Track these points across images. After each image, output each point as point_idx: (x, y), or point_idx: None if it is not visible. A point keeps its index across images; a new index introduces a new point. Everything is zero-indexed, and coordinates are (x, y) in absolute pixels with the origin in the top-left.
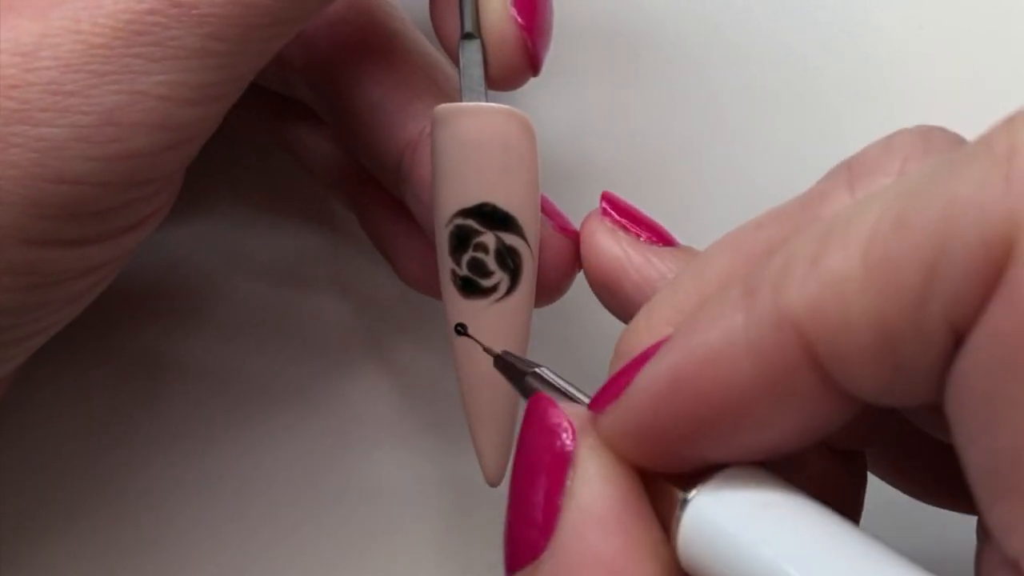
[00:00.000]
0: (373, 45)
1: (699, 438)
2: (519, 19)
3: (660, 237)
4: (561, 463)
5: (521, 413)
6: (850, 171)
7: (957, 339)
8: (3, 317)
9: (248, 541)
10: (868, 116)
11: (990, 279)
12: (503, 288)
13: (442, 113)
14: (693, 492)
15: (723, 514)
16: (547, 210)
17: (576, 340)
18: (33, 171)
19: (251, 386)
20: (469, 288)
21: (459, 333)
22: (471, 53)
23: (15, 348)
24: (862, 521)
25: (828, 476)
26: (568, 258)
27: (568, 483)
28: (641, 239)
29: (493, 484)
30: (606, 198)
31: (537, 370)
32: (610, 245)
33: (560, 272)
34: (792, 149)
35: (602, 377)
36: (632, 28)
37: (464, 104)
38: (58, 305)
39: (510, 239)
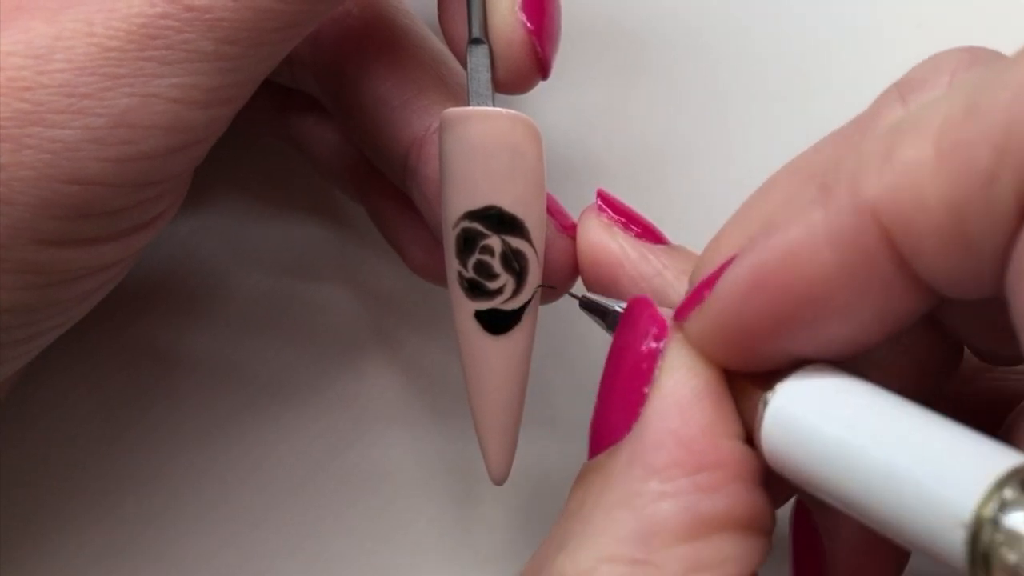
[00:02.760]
0: (380, 41)
1: (783, 332)
2: (528, 24)
3: (653, 236)
4: (651, 356)
5: (527, 410)
6: (900, 89)
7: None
8: (16, 315)
9: (257, 528)
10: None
11: None
12: (508, 291)
13: (449, 117)
14: (774, 390)
15: (804, 407)
16: (552, 210)
17: (575, 339)
18: (46, 172)
19: (259, 377)
20: (475, 290)
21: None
22: (479, 57)
23: (26, 345)
24: None
25: None
26: (572, 258)
27: (656, 372)
28: (636, 236)
29: (497, 483)
30: (601, 196)
31: (619, 307)
32: (606, 240)
33: (564, 272)
34: (793, 149)
35: (599, 376)
36: (635, 30)
37: (471, 108)
38: (69, 303)
39: (516, 242)
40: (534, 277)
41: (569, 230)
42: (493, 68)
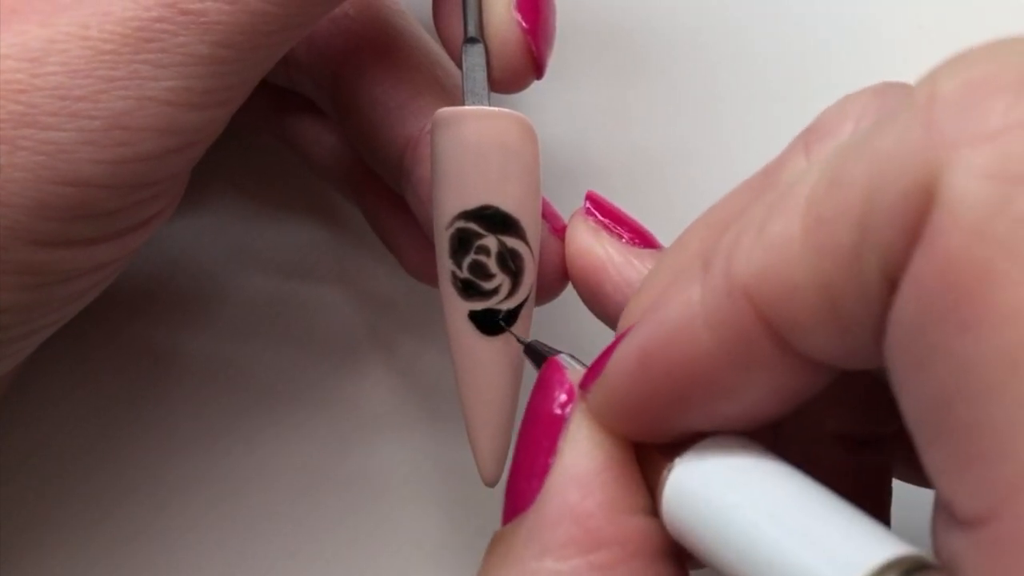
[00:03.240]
0: (376, 42)
1: (674, 410)
2: (523, 23)
3: (642, 238)
4: (557, 425)
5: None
6: (806, 136)
7: (893, 290)
8: (10, 314)
9: (253, 529)
10: None
11: (915, 227)
12: (504, 291)
13: (444, 116)
14: (673, 463)
15: (703, 481)
16: (545, 212)
17: (572, 338)
18: (41, 174)
19: (255, 379)
20: (470, 291)
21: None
22: (474, 57)
23: (21, 343)
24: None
25: (846, 471)
26: (564, 261)
27: (560, 443)
28: (624, 240)
29: (490, 485)
30: (590, 198)
31: (560, 356)
32: (592, 245)
33: (557, 274)
34: None
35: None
36: (630, 30)
37: (466, 108)
38: (64, 302)
39: (512, 242)
40: (530, 276)
41: (561, 232)
42: (488, 67)
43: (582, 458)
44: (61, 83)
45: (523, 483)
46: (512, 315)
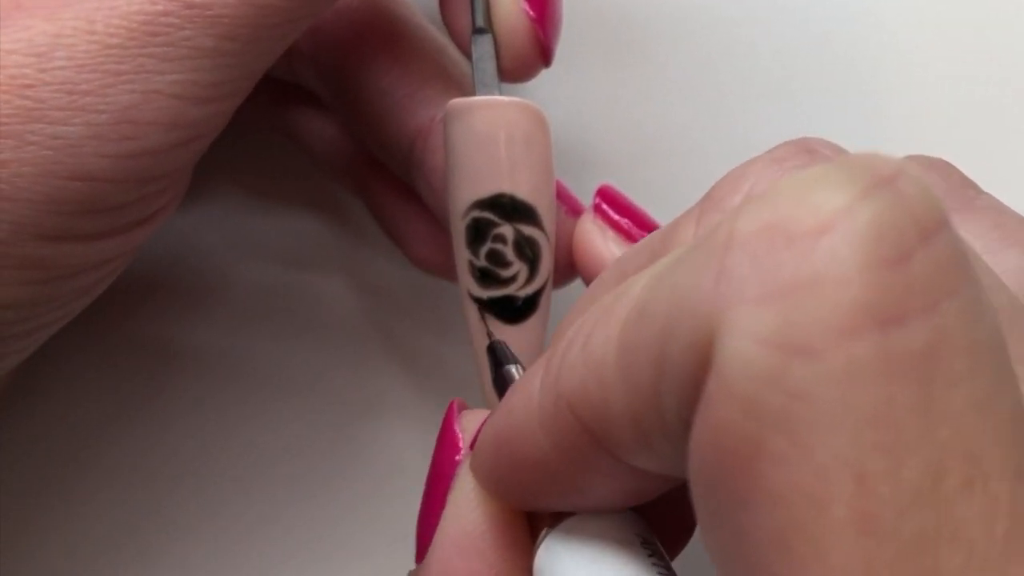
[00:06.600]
0: (380, 32)
1: (533, 494)
2: (530, 12)
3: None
4: (451, 474)
5: None
6: (701, 205)
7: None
8: (16, 310)
9: (258, 520)
10: (869, 108)
11: (698, 384)
12: (522, 278)
13: (455, 107)
14: (544, 531)
15: (562, 559)
16: (562, 195)
17: None
18: (48, 168)
19: (256, 371)
20: (487, 279)
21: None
22: (483, 47)
23: (25, 340)
24: None
25: None
26: None
27: (448, 499)
28: (633, 239)
29: None
30: (602, 192)
31: (511, 367)
32: (598, 245)
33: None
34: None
35: None
36: (635, 17)
37: (477, 98)
38: (69, 298)
39: (528, 230)
40: (547, 263)
41: (578, 214)
42: (498, 57)
43: (462, 520)
44: (68, 78)
45: (420, 533)
46: (531, 302)
